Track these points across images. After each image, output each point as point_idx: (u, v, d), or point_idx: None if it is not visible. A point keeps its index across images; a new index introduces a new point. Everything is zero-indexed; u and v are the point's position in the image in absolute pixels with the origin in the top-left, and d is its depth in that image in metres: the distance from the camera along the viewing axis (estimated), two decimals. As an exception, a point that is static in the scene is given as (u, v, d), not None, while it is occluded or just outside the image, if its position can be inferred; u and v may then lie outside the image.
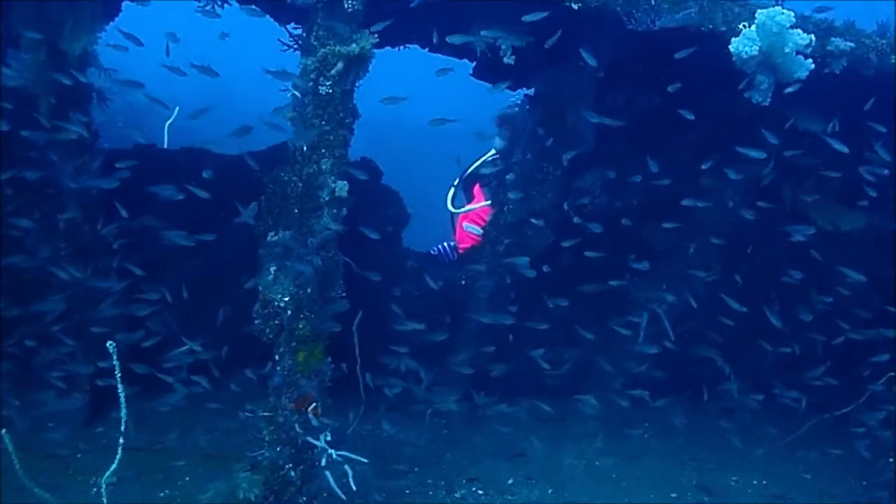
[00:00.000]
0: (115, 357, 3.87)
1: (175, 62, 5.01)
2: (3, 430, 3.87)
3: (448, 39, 4.95)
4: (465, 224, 6.71)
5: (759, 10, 4.91)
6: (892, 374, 5.92)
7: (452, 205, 6.96)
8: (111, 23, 4.98)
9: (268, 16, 5.29)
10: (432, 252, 6.59)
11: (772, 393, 6.31)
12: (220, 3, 5.10)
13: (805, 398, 6.19)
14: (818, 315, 6.03)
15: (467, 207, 6.87)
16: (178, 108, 6.70)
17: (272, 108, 4.79)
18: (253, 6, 5.17)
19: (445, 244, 6.56)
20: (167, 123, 6.11)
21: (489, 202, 6.80)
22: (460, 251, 6.64)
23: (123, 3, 5.21)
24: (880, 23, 5.47)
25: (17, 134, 4.89)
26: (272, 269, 5.16)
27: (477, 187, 6.97)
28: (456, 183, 7.09)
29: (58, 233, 5.40)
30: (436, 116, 5.14)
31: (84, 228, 5.44)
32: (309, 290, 4.91)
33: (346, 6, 4.62)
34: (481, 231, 6.71)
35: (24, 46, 4.84)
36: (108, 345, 3.88)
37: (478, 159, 6.96)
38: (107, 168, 5.29)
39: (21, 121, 4.92)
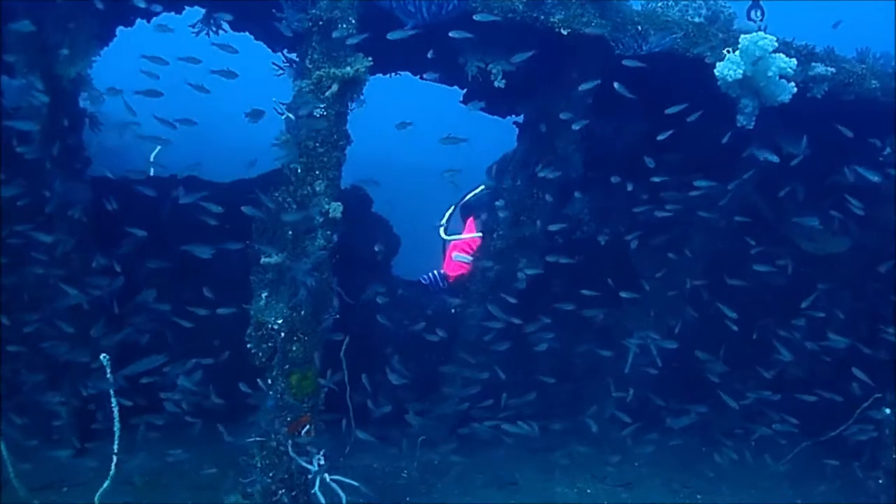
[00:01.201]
0: (108, 371, 3.82)
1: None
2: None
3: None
4: (454, 253, 6.76)
5: (742, 35, 5.05)
6: (879, 395, 5.95)
7: (445, 233, 7.02)
8: (105, 47, 5.01)
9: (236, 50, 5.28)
10: (422, 280, 6.60)
11: (764, 418, 6.33)
12: (214, 29, 5.16)
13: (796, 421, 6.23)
14: (805, 337, 6.11)
15: (459, 236, 6.92)
16: (158, 147, 6.68)
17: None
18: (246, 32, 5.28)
19: (435, 272, 6.58)
20: (152, 156, 6.12)
21: (480, 233, 6.88)
22: (450, 280, 6.65)
23: (118, 28, 5.27)
24: (859, 49, 5.65)
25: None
26: (263, 294, 5.17)
27: (470, 219, 7.05)
28: (451, 211, 7.15)
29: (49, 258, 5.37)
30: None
31: (73, 256, 5.42)
32: (303, 312, 4.91)
33: (340, 30, 4.71)
34: (470, 259, 6.77)
35: (17, 71, 4.85)
36: (101, 357, 3.83)
37: (473, 190, 7.05)
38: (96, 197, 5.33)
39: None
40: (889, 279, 5.96)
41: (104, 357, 3.86)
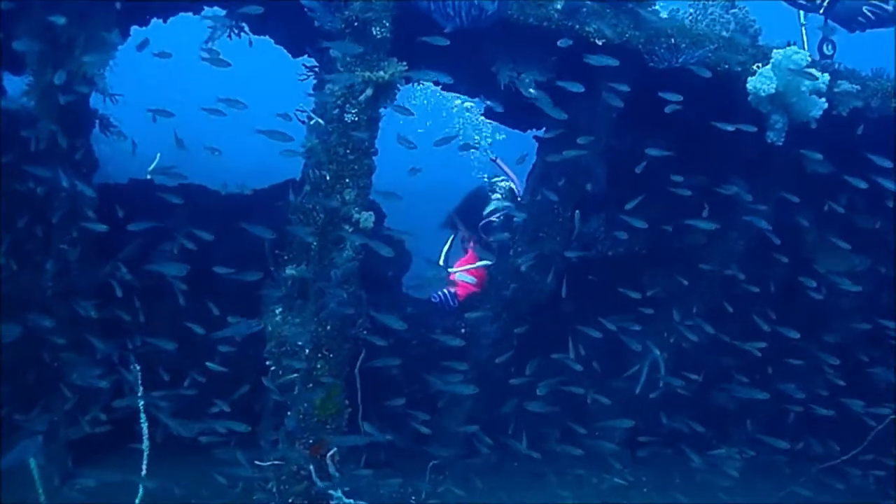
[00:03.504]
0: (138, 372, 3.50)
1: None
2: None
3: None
4: (458, 274, 6.63)
5: (775, 50, 5.02)
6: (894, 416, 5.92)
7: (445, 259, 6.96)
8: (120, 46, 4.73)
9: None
10: (432, 299, 6.38)
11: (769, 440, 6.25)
12: (235, 32, 4.93)
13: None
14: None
15: (455, 269, 6.81)
16: (159, 155, 6.41)
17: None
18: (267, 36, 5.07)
19: (446, 291, 6.37)
20: (150, 168, 5.83)
21: (479, 264, 6.79)
22: (460, 299, 6.45)
23: (132, 28, 5.01)
24: (875, 68, 5.67)
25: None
26: (278, 309, 4.92)
27: (471, 249, 6.97)
28: (451, 241, 7.08)
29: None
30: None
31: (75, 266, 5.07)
32: (329, 327, 4.66)
33: (374, 33, 4.54)
34: (475, 280, 6.63)
35: (28, 66, 4.55)
36: (133, 368, 3.53)
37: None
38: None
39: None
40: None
41: (135, 368, 3.56)
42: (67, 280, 5.03)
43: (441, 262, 7.13)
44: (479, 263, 6.88)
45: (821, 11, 5.65)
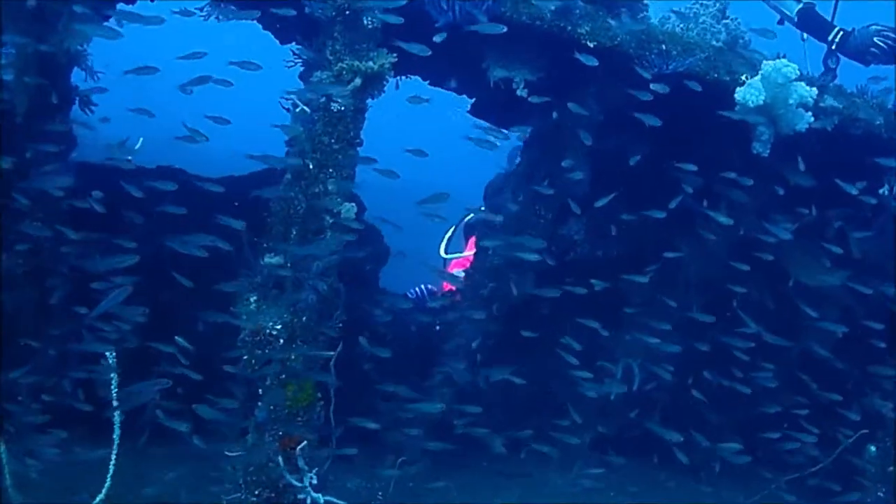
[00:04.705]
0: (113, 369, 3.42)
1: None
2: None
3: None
4: (455, 270, 6.60)
5: (764, 62, 5.03)
6: (865, 430, 5.97)
7: (445, 251, 6.86)
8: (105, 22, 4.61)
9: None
10: (409, 295, 6.35)
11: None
12: (222, 16, 4.84)
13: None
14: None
15: (459, 255, 6.75)
16: (141, 139, 6.32)
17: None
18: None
19: (423, 287, 6.33)
20: (135, 148, 5.75)
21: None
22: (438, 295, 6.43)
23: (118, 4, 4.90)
24: (859, 85, 5.71)
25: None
26: (252, 298, 4.84)
27: (472, 238, 6.89)
28: (453, 230, 7.00)
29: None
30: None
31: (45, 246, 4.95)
32: (305, 318, 4.60)
33: (365, 22, 4.49)
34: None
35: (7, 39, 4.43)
36: (107, 354, 3.44)
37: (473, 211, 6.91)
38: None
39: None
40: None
41: (111, 355, 3.47)
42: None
43: (442, 252, 7.07)
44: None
45: (833, 48, 5.68)
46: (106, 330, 4.64)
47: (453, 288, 6.47)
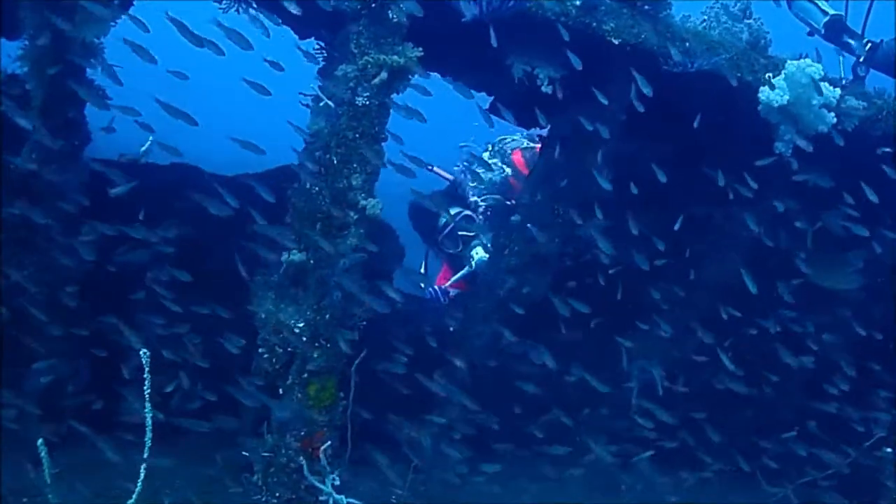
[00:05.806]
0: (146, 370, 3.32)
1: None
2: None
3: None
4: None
5: (789, 61, 5.01)
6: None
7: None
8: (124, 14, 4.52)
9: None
10: (425, 295, 6.27)
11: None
12: (243, 7, 4.77)
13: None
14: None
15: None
16: (151, 139, 6.21)
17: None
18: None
19: (437, 286, 6.25)
20: (142, 149, 5.62)
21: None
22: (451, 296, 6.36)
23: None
24: (876, 88, 5.70)
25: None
26: (271, 295, 4.75)
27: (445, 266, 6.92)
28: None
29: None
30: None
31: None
32: (328, 316, 4.51)
33: (391, 16, 4.42)
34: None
35: (26, 30, 4.34)
36: (141, 353, 3.34)
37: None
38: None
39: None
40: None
41: (144, 353, 3.37)
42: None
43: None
44: (458, 276, 6.78)
45: (861, 59, 5.69)
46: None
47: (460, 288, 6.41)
